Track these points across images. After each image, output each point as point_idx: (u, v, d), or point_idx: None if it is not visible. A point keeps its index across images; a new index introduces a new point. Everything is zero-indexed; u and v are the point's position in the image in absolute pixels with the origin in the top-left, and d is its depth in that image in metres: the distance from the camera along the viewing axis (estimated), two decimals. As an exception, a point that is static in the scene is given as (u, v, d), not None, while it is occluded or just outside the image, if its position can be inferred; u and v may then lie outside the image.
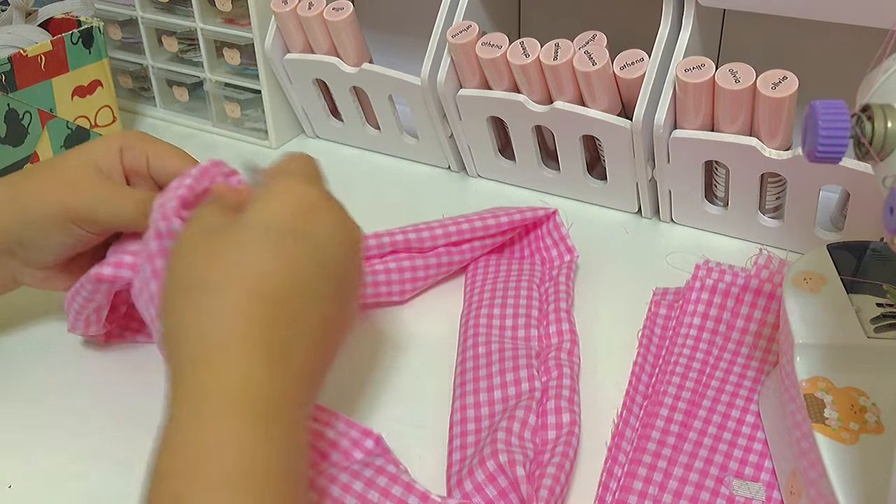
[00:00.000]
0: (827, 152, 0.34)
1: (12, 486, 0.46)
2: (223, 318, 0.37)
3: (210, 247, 0.39)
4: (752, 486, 0.44)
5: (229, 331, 0.37)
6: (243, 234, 0.39)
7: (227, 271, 0.38)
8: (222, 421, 0.35)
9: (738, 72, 0.55)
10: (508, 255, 0.61)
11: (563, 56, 0.59)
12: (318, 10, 0.68)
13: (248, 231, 0.39)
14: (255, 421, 0.35)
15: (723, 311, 0.54)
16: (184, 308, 0.38)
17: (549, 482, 0.42)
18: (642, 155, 0.61)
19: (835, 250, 0.48)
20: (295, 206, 0.40)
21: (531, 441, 0.45)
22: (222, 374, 0.36)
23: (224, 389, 0.36)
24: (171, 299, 0.39)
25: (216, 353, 0.36)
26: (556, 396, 0.48)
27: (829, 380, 0.42)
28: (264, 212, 0.40)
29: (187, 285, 0.39)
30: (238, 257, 0.38)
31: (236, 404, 0.35)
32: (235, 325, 0.37)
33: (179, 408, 0.36)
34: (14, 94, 0.68)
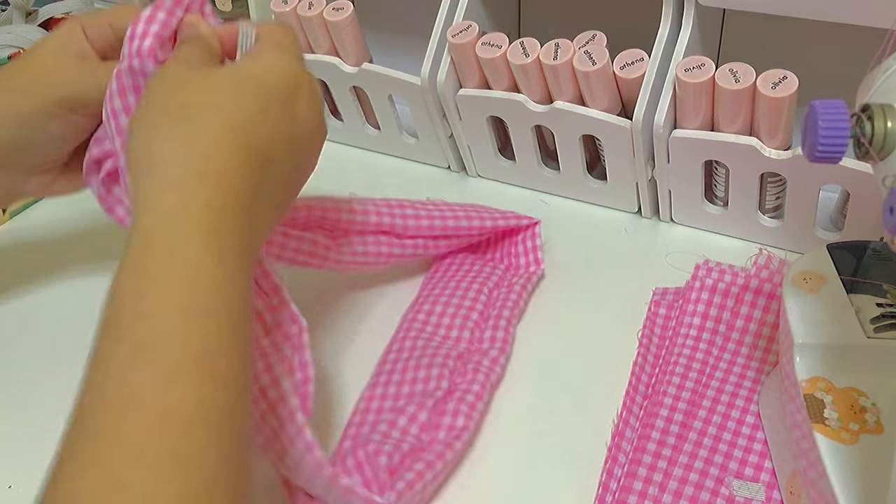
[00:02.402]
0: (827, 152, 0.34)
1: (12, 486, 0.46)
2: (202, 149, 0.37)
3: (198, 82, 0.40)
4: (752, 487, 0.44)
5: (209, 162, 0.37)
6: (233, 81, 0.40)
7: (212, 108, 0.39)
8: (196, 247, 0.35)
9: (738, 71, 0.55)
10: (477, 254, 0.61)
11: (563, 56, 0.59)
12: (318, 9, 0.68)
13: (240, 80, 0.40)
14: (223, 254, 0.36)
15: (723, 310, 0.54)
16: (164, 133, 0.38)
17: (411, 476, 0.43)
18: (642, 155, 0.61)
19: (835, 250, 0.48)
20: (288, 79, 0.41)
21: (416, 437, 0.46)
22: (200, 201, 0.36)
23: (201, 218, 0.36)
24: (150, 123, 0.39)
25: (193, 181, 0.37)
26: (458, 399, 0.48)
27: (828, 380, 0.42)
28: (258, 70, 0.41)
29: (167, 111, 0.39)
30: (225, 99, 0.39)
31: (210, 234, 0.36)
32: (217, 160, 0.37)
33: (148, 229, 0.36)
34: (14, 94, 0.68)
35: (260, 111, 0.39)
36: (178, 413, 0.32)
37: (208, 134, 0.38)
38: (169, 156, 0.37)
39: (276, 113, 0.40)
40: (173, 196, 0.36)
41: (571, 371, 0.53)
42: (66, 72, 0.47)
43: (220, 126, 0.38)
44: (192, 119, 0.38)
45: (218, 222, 0.36)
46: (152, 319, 0.34)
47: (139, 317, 0.34)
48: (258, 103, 0.40)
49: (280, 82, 0.41)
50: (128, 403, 0.32)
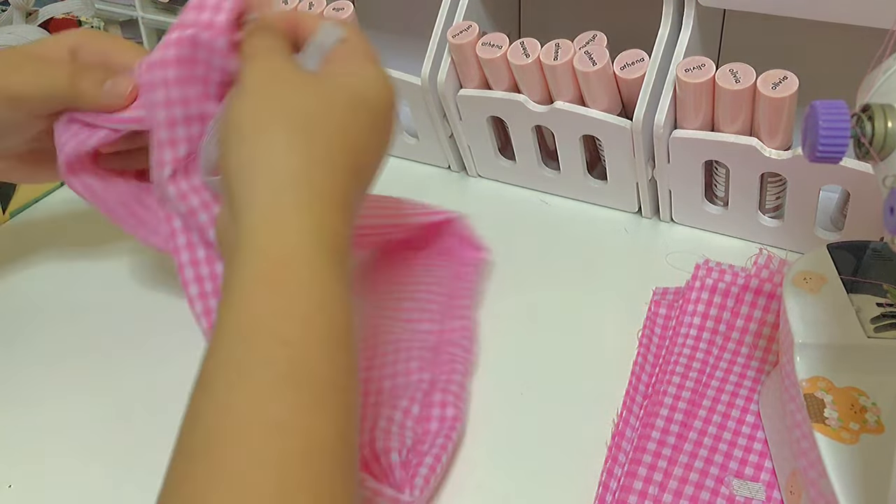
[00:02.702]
0: (827, 152, 0.34)
1: (12, 486, 0.46)
2: (328, 170, 0.37)
3: (317, 90, 0.39)
4: (752, 486, 0.44)
5: (335, 185, 0.37)
6: (351, 99, 0.40)
7: (336, 126, 0.38)
8: (329, 274, 0.35)
9: (739, 72, 0.55)
10: (413, 248, 0.60)
11: (563, 56, 0.59)
12: (318, 10, 0.68)
13: (357, 100, 0.40)
14: (346, 281, 0.36)
15: (723, 310, 0.54)
16: (288, 144, 0.37)
17: (425, 471, 0.43)
18: (642, 155, 0.61)
19: (835, 250, 0.48)
20: (390, 98, 0.42)
21: (412, 430, 0.46)
22: (331, 227, 0.36)
23: (331, 243, 0.36)
24: (269, 126, 0.38)
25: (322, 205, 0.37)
26: (442, 390, 0.48)
27: (829, 379, 0.42)
28: (370, 90, 0.41)
29: (289, 116, 0.38)
30: (347, 119, 0.39)
31: (337, 260, 0.36)
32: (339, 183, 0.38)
33: (278, 248, 0.35)
34: (14, 94, 0.68)
35: (370, 134, 0.40)
36: (321, 445, 0.32)
37: (333, 155, 0.38)
38: (297, 172, 0.37)
39: (381, 134, 0.41)
40: (306, 219, 0.36)
41: (571, 371, 0.53)
42: (20, 67, 0.47)
43: (342, 147, 0.38)
44: (318, 135, 0.38)
45: (341, 248, 0.37)
46: (295, 348, 0.33)
47: (283, 344, 0.33)
48: (370, 125, 0.40)
49: (387, 103, 0.41)
50: (272, 432, 0.31)
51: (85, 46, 0.48)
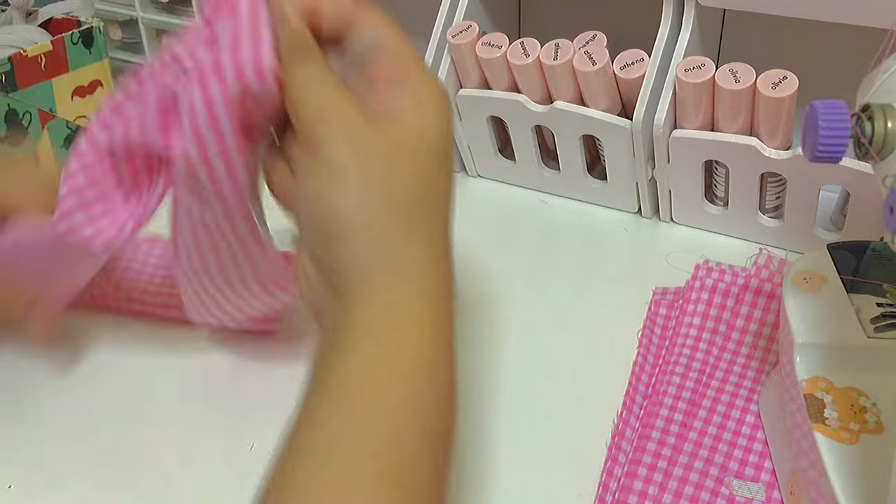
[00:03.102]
0: (827, 152, 0.34)
1: (12, 486, 0.46)
2: (439, 250, 0.37)
3: (390, 159, 0.36)
4: (752, 487, 0.44)
5: (444, 265, 0.37)
6: (429, 155, 0.37)
7: (436, 198, 0.37)
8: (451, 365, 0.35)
9: (738, 71, 0.55)
10: None
11: (563, 56, 0.59)
12: (318, 10, 0.68)
13: (429, 155, 0.37)
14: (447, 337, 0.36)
15: (723, 310, 0.54)
16: (404, 233, 0.36)
17: None
18: (642, 155, 0.61)
19: (835, 250, 0.48)
20: (450, 120, 0.39)
21: None
22: (445, 311, 0.36)
23: (450, 329, 0.36)
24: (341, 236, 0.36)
25: (438, 287, 0.36)
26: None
27: (828, 380, 0.42)
28: (435, 129, 0.38)
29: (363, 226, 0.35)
30: (439, 181, 0.37)
31: (451, 344, 0.36)
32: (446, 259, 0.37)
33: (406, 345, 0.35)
34: (14, 95, 0.68)
35: (445, 175, 0.38)
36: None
37: (439, 229, 0.37)
38: (407, 259, 0.36)
39: (449, 171, 0.39)
40: (419, 307, 0.35)
41: (571, 371, 0.53)
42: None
43: (443, 216, 0.37)
44: (423, 215, 0.36)
45: (451, 319, 0.36)
46: (404, 446, 0.33)
47: (392, 441, 0.33)
48: (447, 169, 0.38)
49: (448, 129, 0.39)
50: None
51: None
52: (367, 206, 0.35)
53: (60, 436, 0.49)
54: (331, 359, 0.35)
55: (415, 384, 0.34)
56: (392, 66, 0.39)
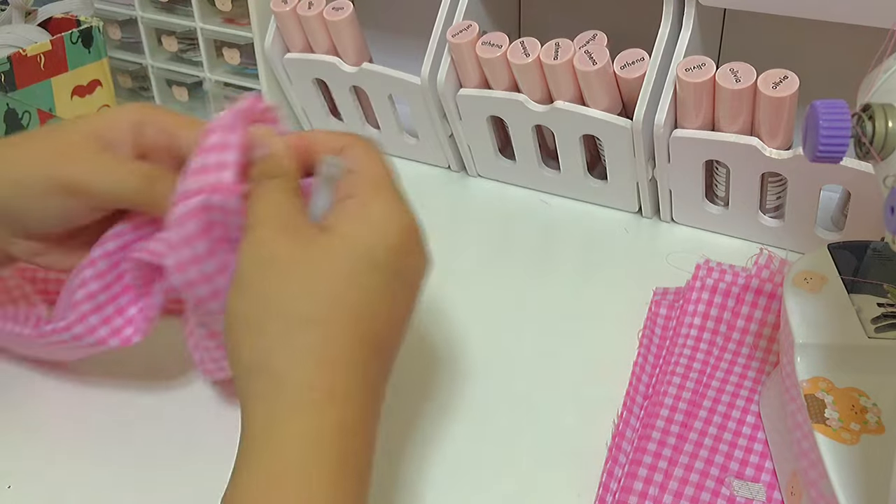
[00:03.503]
0: (828, 152, 0.34)
1: (11, 486, 0.46)
2: (329, 358, 0.35)
3: (305, 268, 0.36)
4: (752, 487, 0.44)
5: (328, 380, 0.34)
6: (348, 259, 0.36)
7: (334, 303, 0.35)
8: (328, 481, 0.33)
9: (739, 71, 0.55)
10: None
11: (563, 55, 0.59)
12: (318, 9, 0.68)
13: (355, 257, 0.36)
14: (352, 478, 0.34)
15: (723, 310, 0.54)
16: (283, 340, 0.35)
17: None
18: (643, 154, 0.61)
19: (835, 250, 0.48)
20: (402, 241, 0.38)
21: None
22: (319, 428, 0.33)
23: (318, 447, 0.33)
24: (262, 327, 0.35)
25: (323, 400, 0.34)
26: None
27: (829, 380, 0.42)
28: (374, 242, 0.37)
29: (281, 311, 0.35)
30: (345, 288, 0.36)
31: (341, 460, 0.34)
32: (335, 375, 0.35)
33: (275, 458, 0.33)
34: (13, 94, 0.68)
35: (379, 291, 0.36)
36: None
37: (333, 337, 0.35)
38: (294, 371, 0.34)
39: (394, 284, 0.37)
40: (298, 423, 0.33)
41: (571, 371, 0.53)
42: (80, 155, 0.43)
43: (344, 323, 0.35)
44: (313, 322, 0.35)
45: (349, 442, 0.34)
46: None
47: None
48: (377, 281, 0.36)
49: (397, 248, 0.37)
50: None
51: (147, 124, 0.45)
52: (249, 305, 0.36)
53: (60, 436, 0.49)
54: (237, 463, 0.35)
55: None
56: (348, 185, 0.39)
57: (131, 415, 0.50)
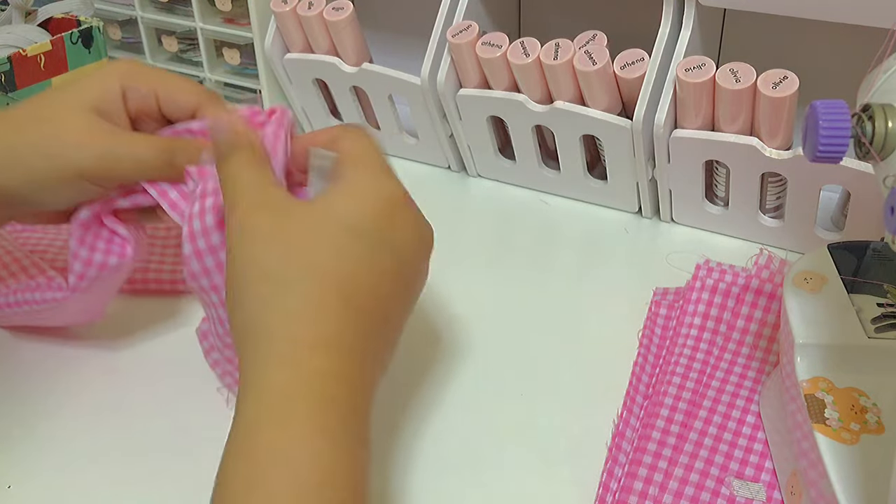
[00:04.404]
0: (828, 152, 0.34)
1: (11, 486, 0.46)
2: (304, 318, 0.36)
3: (291, 233, 0.37)
4: (752, 487, 0.44)
5: (311, 333, 0.35)
6: (329, 229, 0.37)
7: (314, 268, 0.36)
8: (307, 428, 0.33)
9: (739, 71, 0.55)
10: None
11: (563, 56, 0.59)
12: (318, 9, 0.68)
13: (335, 228, 0.37)
14: (337, 427, 0.34)
15: (723, 311, 0.54)
16: (266, 302, 0.36)
17: None
18: (642, 155, 0.61)
19: (835, 250, 0.48)
20: (383, 208, 0.38)
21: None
22: (301, 376, 0.34)
23: (300, 393, 0.34)
24: (244, 290, 0.37)
25: (303, 352, 0.35)
26: None
27: (829, 380, 0.42)
28: (352, 208, 0.38)
29: (265, 274, 0.36)
30: (326, 255, 0.37)
31: (322, 407, 0.34)
32: (318, 328, 0.36)
33: (255, 411, 0.34)
34: (13, 94, 0.68)
35: (361, 257, 0.37)
36: None
37: (314, 297, 0.36)
38: (275, 328, 0.35)
39: (378, 251, 0.38)
40: (281, 372, 0.34)
41: (571, 371, 0.53)
42: (95, 141, 0.43)
43: (325, 286, 0.36)
44: (295, 283, 0.36)
45: (331, 391, 0.35)
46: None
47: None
48: (359, 249, 0.37)
49: (376, 214, 0.38)
50: None
51: (134, 91, 0.45)
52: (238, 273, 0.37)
53: (60, 436, 0.49)
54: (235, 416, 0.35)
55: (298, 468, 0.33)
56: (337, 169, 0.40)
57: (131, 415, 0.50)
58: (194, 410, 0.50)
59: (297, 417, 0.34)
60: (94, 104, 0.44)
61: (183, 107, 0.45)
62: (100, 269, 0.47)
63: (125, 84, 0.45)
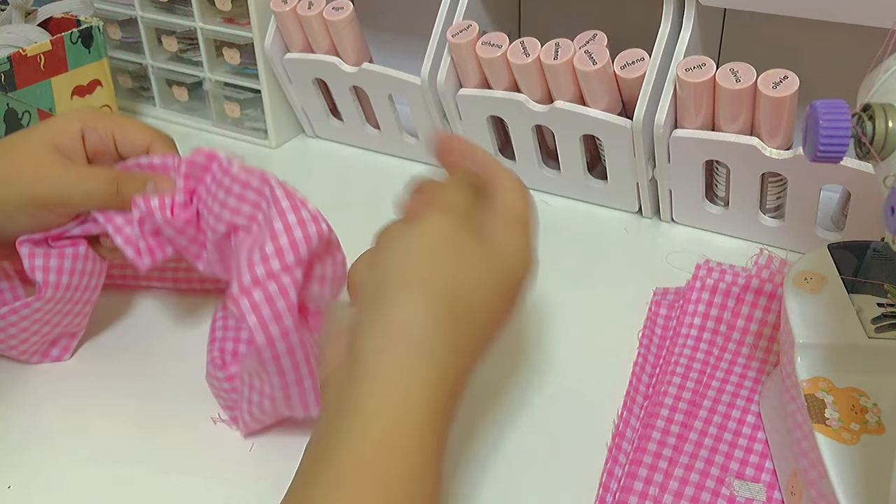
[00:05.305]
0: (828, 152, 0.34)
1: (11, 486, 0.46)
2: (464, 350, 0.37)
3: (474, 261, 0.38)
4: (752, 487, 0.44)
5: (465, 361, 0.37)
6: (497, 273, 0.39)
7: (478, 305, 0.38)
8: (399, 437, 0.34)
9: (739, 71, 0.55)
10: None
11: (563, 55, 0.59)
12: (318, 9, 0.68)
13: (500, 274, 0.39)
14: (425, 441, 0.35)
15: (723, 310, 0.54)
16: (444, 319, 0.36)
17: None
18: (643, 154, 0.61)
19: (835, 250, 0.48)
20: (528, 272, 0.41)
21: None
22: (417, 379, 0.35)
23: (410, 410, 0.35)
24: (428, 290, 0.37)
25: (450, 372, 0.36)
26: None
27: (829, 380, 0.42)
28: (513, 266, 0.40)
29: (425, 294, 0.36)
30: (493, 296, 0.39)
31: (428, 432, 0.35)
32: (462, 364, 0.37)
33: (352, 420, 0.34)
34: (13, 94, 0.68)
35: (505, 310, 0.39)
36: None
37: (471, 340, 0.38)
38: (434, 353, 0.36)
39: (513, 310, 0.40)
40: (426, 402, 0.35)
41: (571, 371, 0.53)
42: (49, 172, 0.47)
43: (481, 331, 0.38)
44: (463, 316, 0.37)
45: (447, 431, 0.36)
46: None
47: None
48: (507, 301, 0.39)
49: (526, 282, 0.40)
50: None
51: (89, 130, 0.49)
52: (410, 273, 0.37)
53: (60, 436, 0.49)
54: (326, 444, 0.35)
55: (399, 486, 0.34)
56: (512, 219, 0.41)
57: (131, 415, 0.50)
58: (195, 411, 0.50)
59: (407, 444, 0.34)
60: (54, 142, 0.48)
61: (137, 145, 0.50)
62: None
63: (85, 125, 0.49)
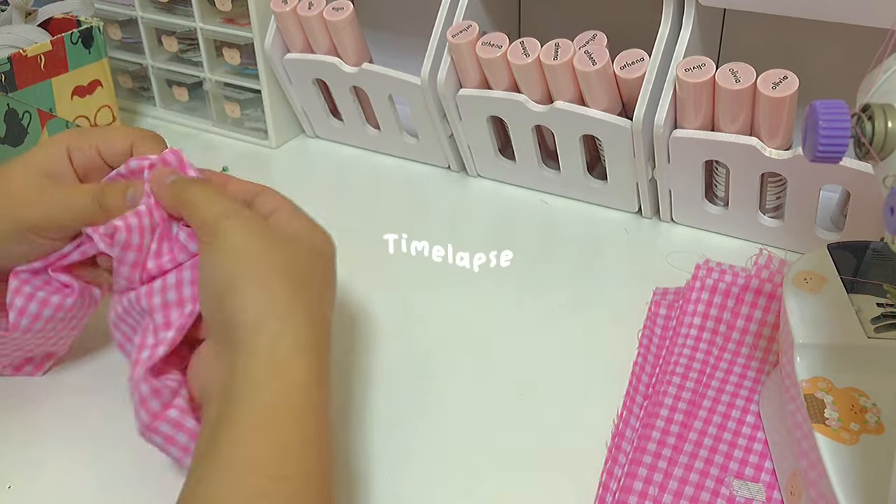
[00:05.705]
0: (827, 152, 0.34)
1: (11, 486, 0.46)
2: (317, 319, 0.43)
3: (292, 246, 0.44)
4: (752, 487, 0.44)
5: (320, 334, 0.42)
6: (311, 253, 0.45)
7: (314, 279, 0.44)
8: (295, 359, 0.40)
9: (739, 71, 0.55)
10: None
11: (563, 56, 0.59)
12: (318, 9, 0.68)
13: (314, 253, 0.45)
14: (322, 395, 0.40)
15: (723, 310, 0.54)
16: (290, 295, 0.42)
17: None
18: (642, 155, 0.61)
19: (835, 250, 0.48)
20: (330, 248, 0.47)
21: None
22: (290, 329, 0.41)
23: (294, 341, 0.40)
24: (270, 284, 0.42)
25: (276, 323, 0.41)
26: None
27: (829, 380, 0.42)
28: (314, 236, 0.46)
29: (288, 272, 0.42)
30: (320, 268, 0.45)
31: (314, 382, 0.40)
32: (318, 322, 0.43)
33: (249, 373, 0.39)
34: (14, 94, 0.68)
35: (327, 279, 0.46)
36: None
37: (315, 301, 0.43)
38: (291, 319, 0.41)
39: (332, 279, 0.46)
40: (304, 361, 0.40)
41: (571, 371, 0.53)
42: (39, 197, 0.47)
43: (318, 295, 0.43)
44: (305, 288, 0.42)
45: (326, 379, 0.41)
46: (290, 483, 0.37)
47: (279, 479, 0.37)
48: (323, 272, 0.45)
49: (330, 251, 0.46)
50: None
51: (74, 150, 0.49)
52: (258, 271, 0.42)
53: (60, 435, 0.49)
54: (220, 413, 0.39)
55: (294, 427, 0.38)
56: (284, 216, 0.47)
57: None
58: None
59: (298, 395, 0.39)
60: (43, 168, 0.48)
61: (120, 151, 0.50)
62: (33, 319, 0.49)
63: (70, 146, 0.49)
